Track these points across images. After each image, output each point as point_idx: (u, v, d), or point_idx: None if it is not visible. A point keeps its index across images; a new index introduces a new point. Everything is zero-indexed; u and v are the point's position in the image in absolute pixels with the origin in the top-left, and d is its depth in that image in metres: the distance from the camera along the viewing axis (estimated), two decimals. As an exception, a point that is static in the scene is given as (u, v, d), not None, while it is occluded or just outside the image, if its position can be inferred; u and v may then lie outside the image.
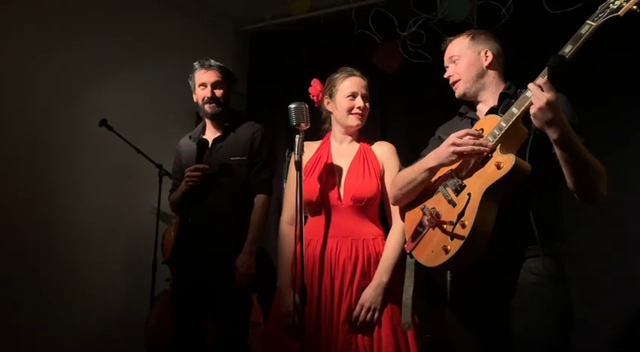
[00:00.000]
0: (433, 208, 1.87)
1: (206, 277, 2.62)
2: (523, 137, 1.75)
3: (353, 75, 2.40)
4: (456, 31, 2.13)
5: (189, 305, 2.66)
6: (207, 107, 2.76)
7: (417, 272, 1.93)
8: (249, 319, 2.76)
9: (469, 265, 1.77)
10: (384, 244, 2.27)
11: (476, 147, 1.75)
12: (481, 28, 2.12)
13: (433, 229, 1.85)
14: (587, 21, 1.65)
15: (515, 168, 1.67)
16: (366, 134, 2.51)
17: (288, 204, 2.43)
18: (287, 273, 2.31)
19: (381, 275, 2.19)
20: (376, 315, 2.16)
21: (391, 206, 2.31)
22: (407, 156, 2.42)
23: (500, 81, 1.99)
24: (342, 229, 2.27)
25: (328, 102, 2.43)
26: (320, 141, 2.48)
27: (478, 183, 1.75)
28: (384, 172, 2.35)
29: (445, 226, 1.78)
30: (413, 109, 3.98)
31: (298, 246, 2.23)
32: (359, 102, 2.36)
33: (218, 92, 2.76)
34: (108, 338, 3.52)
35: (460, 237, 1.71)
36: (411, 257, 1.94)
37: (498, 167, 1.71)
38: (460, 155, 1.79)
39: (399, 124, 3.98)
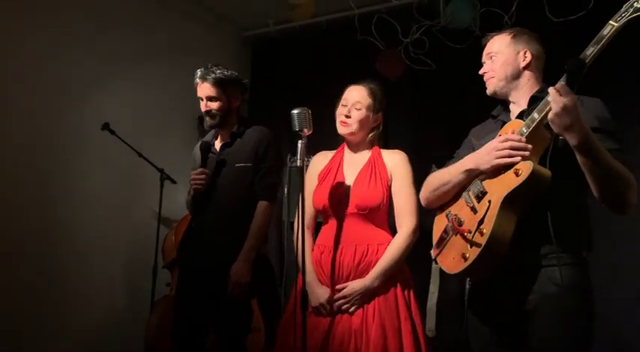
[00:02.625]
0: (456, 215, 1.85)
1: (208, 283, 2.61)
2: (547, 142, 1.70)
3: (354, 84, 2.45)
4: (458, 39, 2.13)
5: (192, 309, 2.65)
6: (206, 119, 2.77)
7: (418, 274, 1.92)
8: (249, 325, 2.75)
9: (488, 273, 1.74)
10: None
11: (515, 154, 1.71)
12: (483, 35, 2.09)
13: (455, 236, 1.84)
14: (610, 21, 1.59)
15: (534, 175, 1.64)
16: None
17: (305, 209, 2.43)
18: (312, 271, 2.31)
19: (373, 279, 2.21)
20: (351, 310, 2.20)
21: (396, 214, 2.33)
22: (411, 163, 2.42)
23: (536, 83, 1.93)
24: (348, 236, 2.29)
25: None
26: (336, 151, 2.51)
27: (498, 191, 1.72)
28: (392, 181, 2.36)
29: (465, 233, 1.77)
30: (415, 116, 3.99)
31: (325, 253, 2.30)
32: (343, 110, 2.39)
33: (213, 105, 2.71)
34: (108, 342, 3.50)
35: (478, 245, 1.70)
36: (436, 263, 1.93)
37: (517, 174, 1.68)
38: (500, 161, 1.74)
39: (402, 131, 3.97)
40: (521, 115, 1.83)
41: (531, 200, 1.69)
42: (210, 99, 2.72)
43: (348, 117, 2.37)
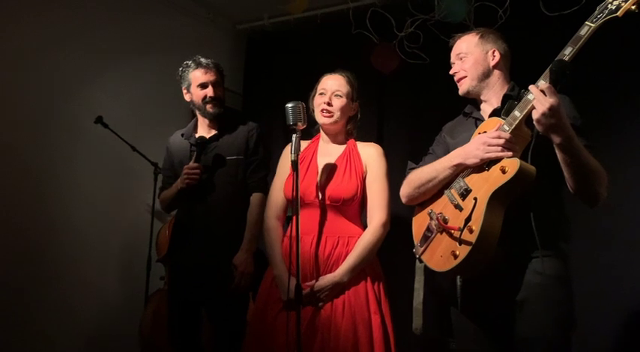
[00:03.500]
0: (440, 213, 1.86)
1: (202, 277, 2.61)
2: (527, 140, 1.75)
3: (329, 73, 2.44)
4: (453, 33, 2.14)
5: (186, 304, 2.65)
6: (209, 107, 2.74)
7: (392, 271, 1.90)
8: (246, 317, 2.76)
9: (479, 269, 1.76)
10: None
11: (502, 153, 1.74)
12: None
13: (441, 234, 1.85)
14: (586, 22, 1.66)
15: (520, 172, 1.67)
16: (362, 135, 2.51)
17: (274, 200, 2.45)
18: (282, 263, 2.30)
19: (343, 274, 2.20)
20: (320, 304, 2.18)
21: (369, 208, 2.33)
22: (405, 157, 2.41)
23: (505, 81, 1.99)
24: (319, 227, 2.27)
25: (312, 102, 2.47)
26: (310, 141, 2.50)
27: (484, 188, 1.74)
28: (367, 173, 2.36)
29: (453, 231, 1.78)
30: (410, 110, 3.98)
31: (294, 244, 2.23)
32: (325, 98, 2.37)
33: (220, 91, 2.76)
34: (103, 336, 3.50)
35: (468, 243, 1.72)
36: (421, 261, 1.94)
37: (503, 171, 1.70)
38: (491, 156, 1.77)
39: (396, 125, 3.98)
40: (495, 113, 1.86)
41: (517, 196, 1.72)
42: (217, 85, 2.73)
43: (330, 105, 2.36)
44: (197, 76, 2.75)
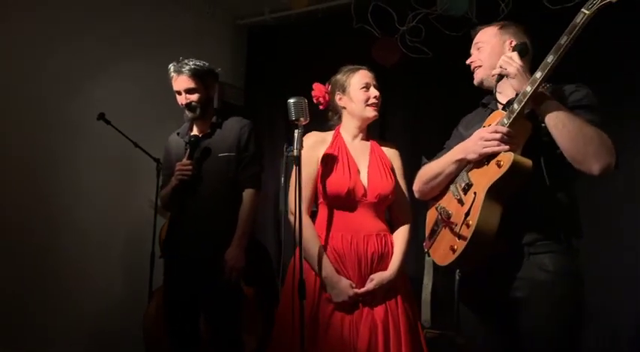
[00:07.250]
0: (444, 207, 1.87)
1: (196, 273, 2.63)
2: (528, 132, 1.73)
3: (361, 68, 2.43)
4: (455, 27, 2.14)
5: (182, 300, 2.67)
6: (185, 113, 2.78)
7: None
8: (240, 313, 2.77)
9: (477, 264, 1.76)
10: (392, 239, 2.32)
11: (499, 147, 1.72)
12: (480, 22, 2.10)
13: (445, 228, 1.86)
14: (582, 9, 1.64)
15: (514, 165, 1.66)
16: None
17: (304, 195, 2.25)
18: (327, 262, 2.22)
19: (395, 271, 2.23)
20: (374, 302, 2.17)
21: (396, 207, 2.36)
22: (406, 152, 2.42)
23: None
24: (365, 225, 2.26)
25: (340, 98, 2.39)
26: (331, 133, 2.42)
27: (483, 182, 1.74)
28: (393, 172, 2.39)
29: (453, 226, 1.80)
30: (412, 104, 3.98)
31: (339, 243, 2.24)
32: (374, 92, 2.37)
33: (192, 97, 2.73)
34: (107, 331, 3.52)
35: (464, 238, 1.73)
36: (429, 255, 1.96)
37: (498, 165, 1.70)
38: (488, 150, 1.75)
39: (398, 119, 3.99)
40: (509, 105, 1.82)
41: (515, 190, 1.71)
42: (188, 91, 2.73)
43: (379, 98, 2.38)
44: (173, 82, 2.77)
